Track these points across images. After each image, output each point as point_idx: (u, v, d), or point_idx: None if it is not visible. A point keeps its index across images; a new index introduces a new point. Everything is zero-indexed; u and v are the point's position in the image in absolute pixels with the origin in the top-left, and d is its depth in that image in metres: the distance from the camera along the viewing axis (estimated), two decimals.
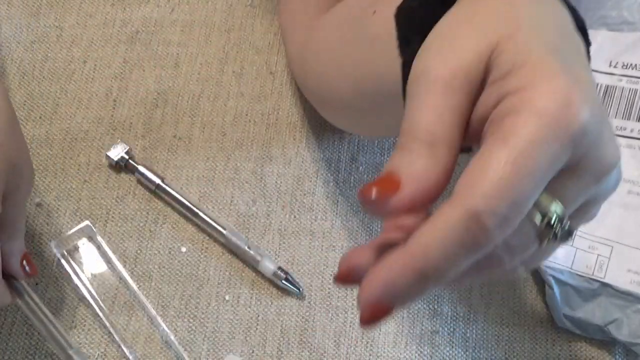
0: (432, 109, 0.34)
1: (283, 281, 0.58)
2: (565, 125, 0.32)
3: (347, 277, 0.35)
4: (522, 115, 0.32)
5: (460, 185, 0.32)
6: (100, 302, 0.57)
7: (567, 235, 0.35)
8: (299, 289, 0.58)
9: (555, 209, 0.33)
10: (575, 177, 0.34)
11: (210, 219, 0.59)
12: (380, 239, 0.36)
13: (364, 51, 0.48)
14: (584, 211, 0.36)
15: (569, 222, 0.34)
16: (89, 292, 0.57)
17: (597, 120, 0.33)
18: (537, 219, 0.34)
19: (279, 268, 0.58)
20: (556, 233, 0.34)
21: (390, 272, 0.33)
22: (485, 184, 0.31)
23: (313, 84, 0.57)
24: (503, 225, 0.32)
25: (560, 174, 0.33)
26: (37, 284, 0.57)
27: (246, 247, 0.58)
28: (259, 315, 0.58)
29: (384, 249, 0.35)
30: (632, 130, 0.58)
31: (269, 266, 0.58)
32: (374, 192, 0.33)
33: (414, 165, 0.34)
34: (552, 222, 0.34)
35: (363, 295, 0.33)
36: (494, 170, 0.31)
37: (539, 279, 0.59)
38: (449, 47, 0.35)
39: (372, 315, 0.34)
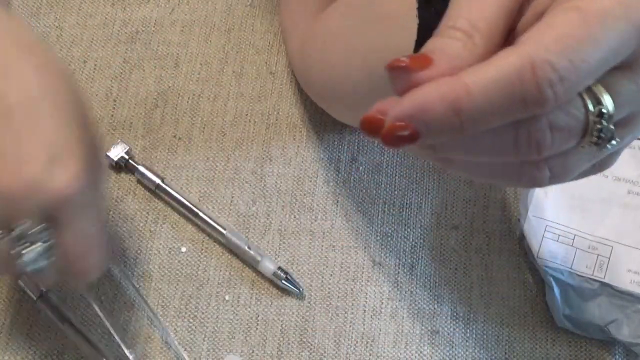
0: (475, 2, 0.34)
1: (283, 281, 0.58)
2: (637, 7, 0.32)
3: (373, 119, 0.33)
4: None
5: (522, 37, 0.32)
6: (100, 302, 0.57)
7: (609, 139, 0.34)
8: (299, 289, 0.58)
9: (607, 102, 0.33)
10: (632, 77, 0.33)
11: (210, 219, 0.59)
12: None
13: (375, 31, 0.48)
14: (623, 126, 0.35)
15: (613, 127, 0.34)
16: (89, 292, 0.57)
17: None
18: (590, 104, 0.33)
19: (279, 268, 0.58)
20: (602, 128, 0.33)
21: (428, 95, 0.32)
22: (551, 36, 0.31)
23: (317, 77, 0.57)
24: (556, 86, 0.31)
25: (617, 70, 0.33)
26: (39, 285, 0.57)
27: (246, 247, 0.58)
28: (259, 315, 0.58)
29: None
30: None
31: (269, 266, 0.58)
32: (404, 61, 0.32)
33: (449, 48, 0.33)
34: (603, 112, 0.33)
35: (394, 109, 0.32)
36: (562, 27, 0.31)
37: (539, 279, 0.59)
38: None
39: (396, 133, 0.32)
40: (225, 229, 0.59)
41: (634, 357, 0.56)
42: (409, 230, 0.61)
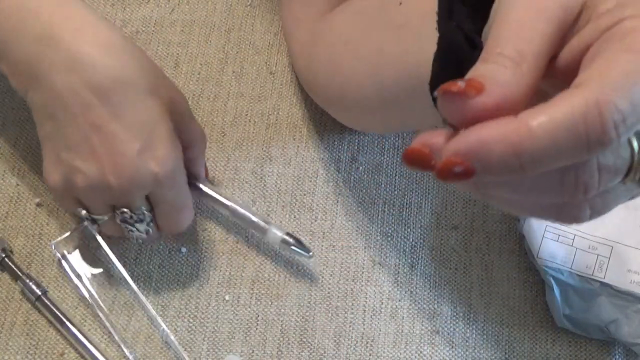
0: (522, 30, 0.34)
1: (293, 247, 0.57)
2: None
3: (420, 153, 0.33)
4: None
5: (581, 78, 0.32)
6: (100, 302, 0.57)
7: None
8: (309, 252, 0.57)
9: None
10: None
11: (213, 191, 0.59)
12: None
13: (389, 40, 0.48)
14: None
15: None
16: (89, 292, 0.57)
17: None
18: (635, 144, 0.33)
19: (288, 234, 0.58)
20: None
21: (489, 134, 0.31)
22: (612, 78, 0.31)
23: (323, 81, 0.57)
24: (619, 127, 0.31)
25: None
26: (39, 285, 0.57)
27: (252, 217, 0.58)
28: (258, 315, 0.58)
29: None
30: None
31: (276, 233, 0.58)
32: (459, 86, 0.32)
33: (499, 75, 0.33)
34: None
35: (452, 143, 0.32)
36: (621, 69, 0.31)
37: (539, 279, 0.59)
38: None
39: (451, 167, 0.32)
40: (229, 201, 0.59)
41: (634, 357, 0.56)
42: (409, 230, 0.61)
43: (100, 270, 0.58)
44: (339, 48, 0.54)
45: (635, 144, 0.33)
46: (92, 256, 0.59)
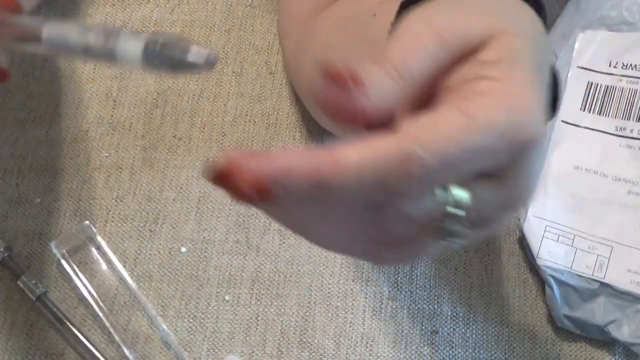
0: (418, 50, 0.34)
1: (156, 60, 0.39)
2: (519, 128, 0.32)
3: (226, 170, 0.31)
4: (490, 100, 0.33)
5: (407, 125, 0.32)
6: (100, 302, 0.57)
7: (453, 236, 0.34)
8: (203, 59, 0.40)
9: (461, 199, 0.33)
10: (495, 186, 0.34)
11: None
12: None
13: (362, 54, 0.48)
14: (476, 225, 0.36)
15: (460, 227, 0.34)
16: (89, 292, 0.57)
17: (539, 149, 0.34)
18: (441, 202, 0.33)
19: (154, 41, 0.38)
20: (448, 228, 0.34)
21: (295, 159, 0.31)
22: (430, 134, 0.32)
23: (307, 87, 0.57)
24: (423, 181, 0.32)
25: (484, 176, 0.34)
26: (39, 285, 0.57)
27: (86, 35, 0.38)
28: (258, 315, 0.58)
29: None
30: (632, 131, 0.58)
31: (133, 46, 0.38)
32: (345, 71, 0.32)
33: (383, 83, 0.33)
34: (450, 212, 0.34)
35: (257, 165, 0.31)
36: (443, 127, 0.32)
37: (539, 279, 0.59)
38: (457, 13, 0.35)
39: (251, 190, 0.31)
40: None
41: (634, 357, 0.56)
42: None
43: (100, 270, 0.58)
44: (319, 57, 0.54)
45: (441, 201, 0.33)
46: (92, 256, 0.59)
